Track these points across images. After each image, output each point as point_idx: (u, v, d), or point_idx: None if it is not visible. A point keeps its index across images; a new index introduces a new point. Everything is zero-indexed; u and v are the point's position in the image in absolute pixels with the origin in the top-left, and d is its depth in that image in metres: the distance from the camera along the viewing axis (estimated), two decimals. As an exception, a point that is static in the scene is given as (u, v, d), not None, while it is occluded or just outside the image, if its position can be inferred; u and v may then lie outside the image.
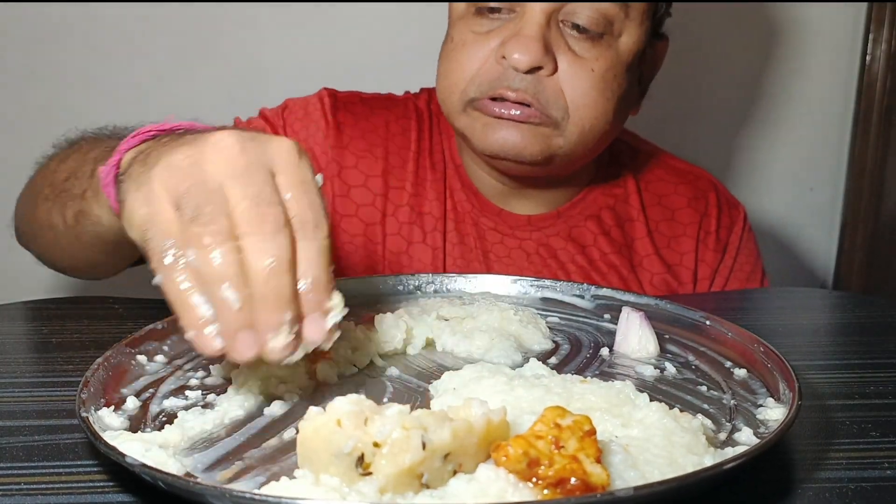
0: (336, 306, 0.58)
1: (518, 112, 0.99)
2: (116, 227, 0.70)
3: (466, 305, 0.83)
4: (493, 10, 1.01)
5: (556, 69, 0.99)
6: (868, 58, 1.80)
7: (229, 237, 0.55)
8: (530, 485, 0.45)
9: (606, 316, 0.85)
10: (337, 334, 0.59)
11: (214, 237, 0.54)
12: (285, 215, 0.56)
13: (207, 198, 0.55)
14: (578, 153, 1.05)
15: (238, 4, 1.63)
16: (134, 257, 0.86)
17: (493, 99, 1.00)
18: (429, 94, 1.22)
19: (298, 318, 0.56)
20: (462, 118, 1.03)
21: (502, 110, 0.99)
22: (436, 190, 1.14)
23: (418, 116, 1.18)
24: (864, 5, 1.78)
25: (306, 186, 0.59)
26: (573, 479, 0.45)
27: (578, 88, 0.99)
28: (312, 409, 0.48)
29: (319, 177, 0.61)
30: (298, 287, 0.56)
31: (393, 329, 0.74)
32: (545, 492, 0.45)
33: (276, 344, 0.55)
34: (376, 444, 0.45)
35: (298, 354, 0.57)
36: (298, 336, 0.57)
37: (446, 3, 1.09)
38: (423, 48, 1.60)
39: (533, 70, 0.98)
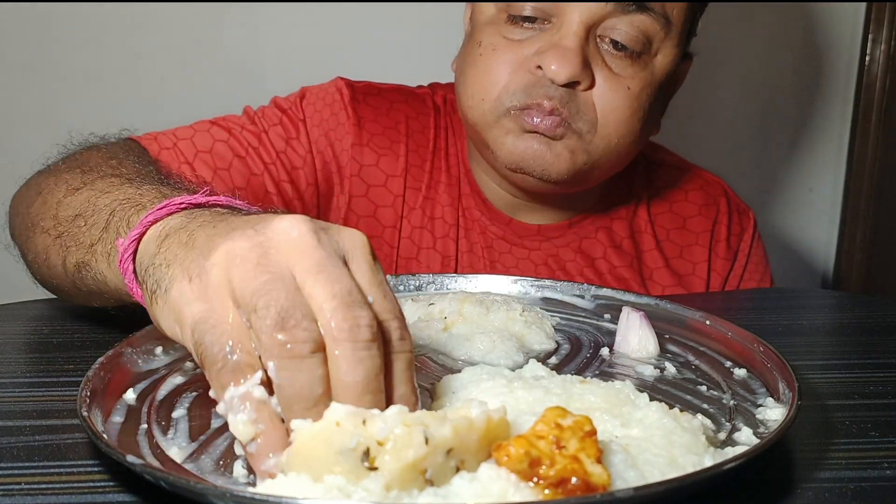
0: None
1: (550, 122, 0.94)
2: (123, 293, 0.63)
3: (475, 305, 0.81)
4: (527, 19, 0.96)
5: (592, 84, 0.96)
6: (867, 58, 1.80)
7: (320, 347, 0.47)
8: (531, 485, 0.45)
9: (606, 316, 0.85)
10: None
11: (304, 347, 0.46)
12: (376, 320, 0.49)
13: (290, 297, 0.47)
14: (601, 169, 1.02)
15: (238, 4, 1.63)
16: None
17: (525, 109, 0.95)
18: (444, 90, 1.16)
19: None
20: (493, 129, 0.98)
21: (535, 120, 0.95)
22: (449, 195, 1.10)
23: (436, 113, 1.13)
24: (863, 5, 1.79)
25: (385, 288, 0.51)
26: (574, 479, 0.45)
27: (611, 105, 0.96)
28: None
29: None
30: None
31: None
32: (546, 492, 0.45)
33: None
34: (379, 443, 0.45)
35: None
36: None
37: (449, 4, 1.08)
38: (425, 48, 1.61)
39: (570, 84, 0.94)
